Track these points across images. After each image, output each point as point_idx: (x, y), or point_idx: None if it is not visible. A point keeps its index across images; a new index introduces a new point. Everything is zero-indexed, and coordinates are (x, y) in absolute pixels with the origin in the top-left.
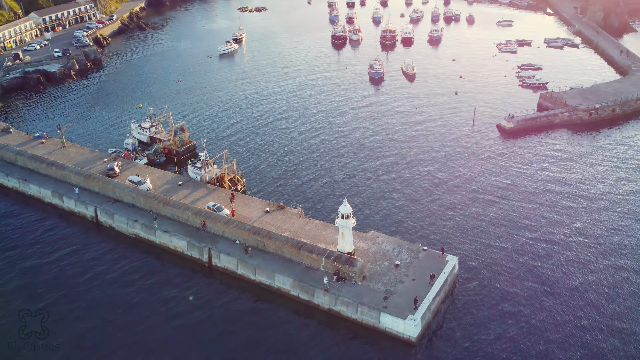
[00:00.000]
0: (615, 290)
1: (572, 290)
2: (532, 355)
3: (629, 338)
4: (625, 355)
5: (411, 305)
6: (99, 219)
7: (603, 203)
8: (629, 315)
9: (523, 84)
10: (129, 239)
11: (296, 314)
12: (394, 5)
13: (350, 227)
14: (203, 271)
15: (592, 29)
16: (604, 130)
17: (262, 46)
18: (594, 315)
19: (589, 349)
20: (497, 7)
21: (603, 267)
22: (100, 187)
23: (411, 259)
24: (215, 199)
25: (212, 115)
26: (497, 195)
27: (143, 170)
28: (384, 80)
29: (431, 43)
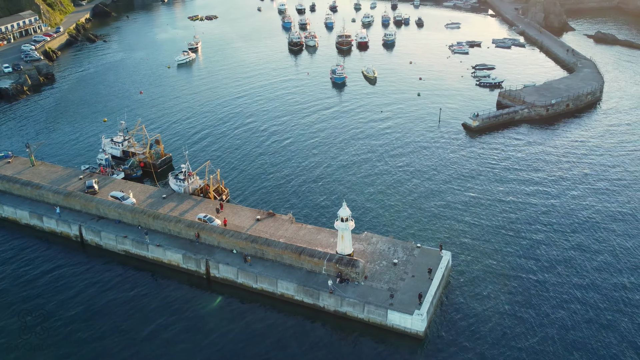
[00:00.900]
0: (575, 265)
1: (553, 271)
2: (531, 337)
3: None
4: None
5: (415, 300)
6: (84, 237)
7: (571, 188)
8: (601, 294)
9: (480, 83)
10: (118, 256)
11: (302, 318)
12: (344, 10)
13: (349, 230)
14: (201, 283)
15: (535, 29)
16: (560, 124)
17: (219, 54)
18: (575, 294)
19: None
20: (443, 10)
21: (566, 246)
22: (82, 205)
23: (407, 256)
24: (204, 210)
25: (179, 126)
26: (473, 190)
27: (123, 185)
28: (346, 85)
29: (386, 47)
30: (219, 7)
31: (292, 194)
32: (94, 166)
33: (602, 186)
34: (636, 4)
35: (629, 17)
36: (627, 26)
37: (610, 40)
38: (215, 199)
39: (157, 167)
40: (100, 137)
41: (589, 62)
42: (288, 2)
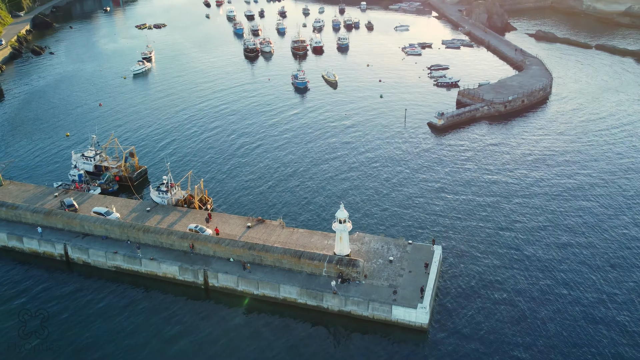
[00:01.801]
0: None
1: (531, 258)
2: (528, 321)
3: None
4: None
5: (417, 294)
6: (69, 256)
7: (534, 177)
8: (569, 275)
9: (437, 83)
10: (108, 273)
11: (307, 321)
12: (293, 15)
13: (347, 231)
14: (199, 294)
15: (481, 29)
16: (517, 119)
17: (175, 63)
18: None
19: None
20: (389, 13)
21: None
22: (64, 223)
23: (401, 253)
24: (191, 220)
25: (146, 136)
26: (448, 186)
27: (102, 201)
28: (309, 89)
29: (340, 50)
30: (164, 15)
31: (273, 199)
32: (67, 183)
33: (561, 171)
34: (568, 4)
35: (562, 15)
36: (563, 24)
37: (550, 38)
38: (200, 208)
39: (133, 181)
40: (67, 152)
41: (536, 60)
42: (236, 8)
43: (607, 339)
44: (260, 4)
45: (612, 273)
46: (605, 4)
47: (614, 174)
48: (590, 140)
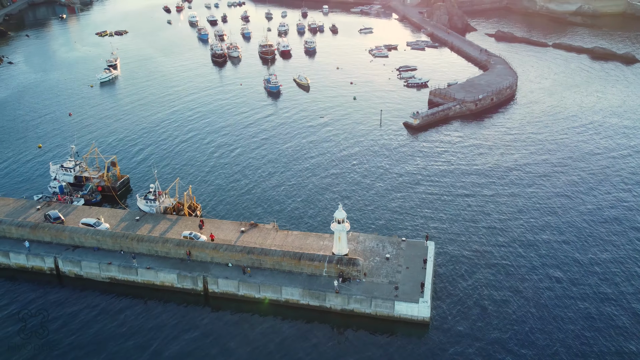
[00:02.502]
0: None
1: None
2: (519, 309)
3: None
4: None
5: (417, 289)
6: (60, 269)
7: (508, 170)
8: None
9: (408, 84)
10: (102, 285)
11: (311, 321)
12: (256, 20)
13: (345, 231)
14: (198, 300)
15: (443, 30)
16: (488, 117)
17: (142, 69)
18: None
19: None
20: (352, 16)
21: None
22: (53, 236)
23: (396, 250)
24: (183, 227)
25: (121, 145)
26: (429, 182)
27: (87, 212)
28: (282, 93)
29: (308, 54)
30: (123, 22)
31: (261, 202)
32: (47, 195)
33: (532, 162)
34: (523, 4)
35: (517, 16)
36: (519, 24)
37: (509, 38)
38: (190, 215)
39: (116, 190)
40: (42, 164)
41: (500, 59)
42: (198, 13)
43: (604, 326)
44: (221, 9)
45: (593, 248)
46: (557, 4)
47: (580, 161)
48: (559, 133)
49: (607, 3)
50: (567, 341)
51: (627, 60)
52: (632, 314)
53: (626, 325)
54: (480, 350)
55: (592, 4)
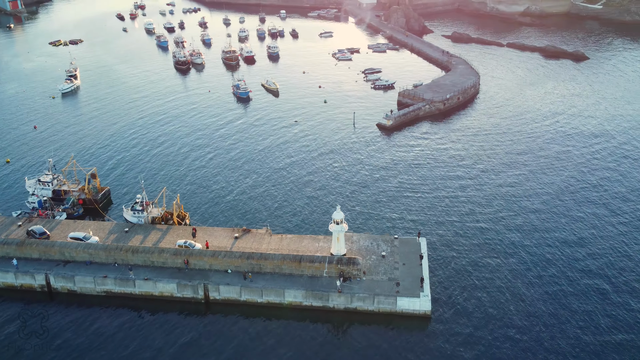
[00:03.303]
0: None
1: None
2: (518, 301)
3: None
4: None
5: (417, 284)
6: (52, 286)
7: (479, 164)
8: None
9: (375, 86)
10: (98, 299)
11: (315, 321)
12: (214, 26)
13: (344, 232)
14: (199, 308)
15: (401, 33)
16: (456, 115)
17: (103, 78)
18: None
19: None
20: (309, 21)
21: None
22: (41, 252)
23: (391, 248)
24: (175, 237)
25: (94, 156)
26: (408, 180)
27: (72, 226)
28: (252, 99)
29: (272, 59)
30: (76, 31)
31: (246, 207)
32: (26, 211)
33: (504, 154)
34: (474, 6)
35: (469, 17)
36: (472, 25)
37: (465, 38)
38: (180, 224)
39: (98, 202)
40: (13, 179)
41: (460, 60)
42: (155, 21)
43: (601, 314)
44: (177, 16)
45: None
46: (507, 5)
47: (547, 157)
48: (523, 127)
49: (553, 4)
50: (563, 327)
51: (577, 57)
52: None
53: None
54: (480, 339)
55: (538, 5)
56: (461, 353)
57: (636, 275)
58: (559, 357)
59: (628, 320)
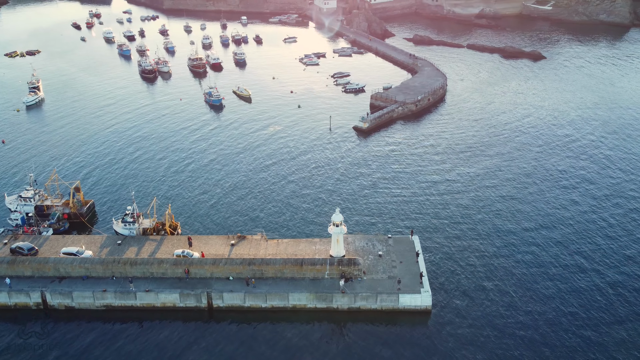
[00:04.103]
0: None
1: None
2: (509, 283)
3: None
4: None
5: (416, 281)
6: (48, 303)
7: (455, 159)
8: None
9: (346, 89)
10: (97, 313)
11: (320, 323)
12: (175, 33)
13: (343, 233)
14: (202, 317)
15: (365, 37)
16: (427, 115)
17: (68, 89)
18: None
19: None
20: (271, 26)
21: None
22: (35, 269)
23: (386, 247)
24: (170, 247)
25: (69, 169)
26: (391, 180)
27: (61, 241)
28: (224, 106)
29: (239, 65)
30: (31, 41)
31: (233, 213)
32: (10, 228)
33: (474, 147)
34: (431, 9)
35: (427, 20)
36: (431, 28)
37: (427, 41)
38: (172, 234)
39: (84, 216)
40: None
41: (426, 62)
42: (113, 29)
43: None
44: (136, 24)
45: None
46: (462, 8)
47: (517, 150)
48: (491, 125)
49: (506, 5)
50: (558, 318)
51: (534, 57)
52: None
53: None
54: (480, 329)
55: (492, 7)
56: (462, 344)
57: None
58: (556, 346)
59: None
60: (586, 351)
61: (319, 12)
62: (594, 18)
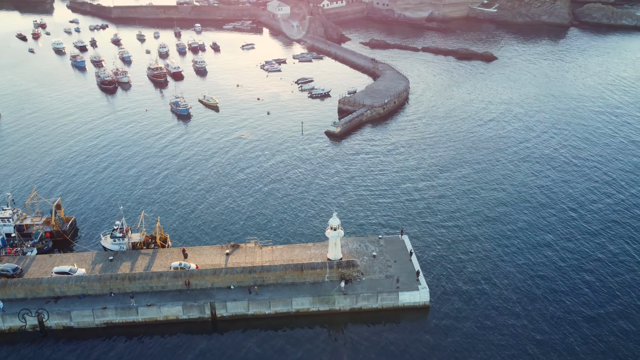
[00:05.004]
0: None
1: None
2: (500, 276)
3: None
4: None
5: (413, 278)
6: (45, 324)
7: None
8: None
9: (311, 95)
10: (97, 331)
11: (324, 325)
12: (128, 42)
13: (340, 237)
14: (205, 327)
15: (322, 42)
16: (394, 117)
17: (22, 104)
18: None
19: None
20: (226, 33)
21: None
22: (28, 291)
23: (378, 248)
24: (163, 260)
25: (41, 185)
26: (370, 182)
27: (49, 261)
28: (192, 115)
29: (200, 74)
30: None
31: (219, 221)
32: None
33: (443, 144)
34: (382, 14)
35: (379, 24)
36: (384, 32)
37: (383, 45)
38: (163, 247)
39: (67, 233)
40: None
41: (386, 66)
42: (64, 39)
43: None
44: (85, 33)
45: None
46: (412, 12)
47: (482, 143)
48: (455, 123)
49: (453, 9)
50: (551, 310)
51: (487, 58)
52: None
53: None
54: (474, 320)
55: (441, 10)
56: (461, 336)
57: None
58: (546, 332)
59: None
60: (580, 341)
61: (273, 19)
62: (537, 19)
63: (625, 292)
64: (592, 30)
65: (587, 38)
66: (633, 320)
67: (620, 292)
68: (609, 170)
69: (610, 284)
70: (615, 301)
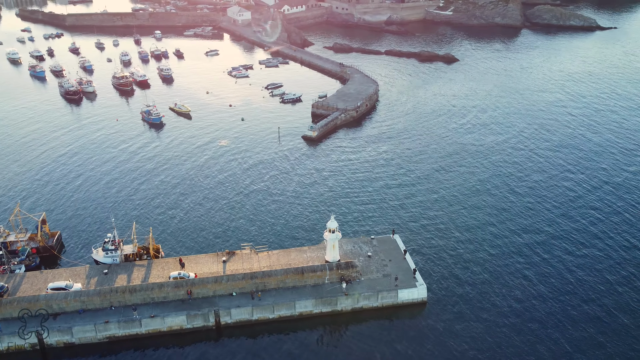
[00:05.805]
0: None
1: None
2: (492, 271)
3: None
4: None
5: (410, 276)
6: (45, 343)
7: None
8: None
9: (283, 100)
10: (100, 346)
11: (326, 326)
12: (87, 51)
13: (338, 239)
14: (211, 336)
15: (286, 47)
16: (367, 120)
17: None
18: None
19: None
20: (188, 40)
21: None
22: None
23: (372, 248)
24: (159, 271)
25: (17, 199)
26: (351, 185)
27: (39, 277)
28: (165, 124)
29: (166, 82)
30: None
31: (208, 229)
32: None
33: (418, 143)
34: (342, 18)
35: (339, 28)
36: (345, 36)
37: (347, 49)
38: (156, 257)
39: (55, 248)
40: None
41: (354, 69)
42: (18, 49)
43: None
44: (39, 42)
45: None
46: (371, 15)
47: (455, 139)
48: (424, 122)
49: (410, 12)
50: (545, 304)
51: (448, 59)
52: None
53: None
54: (470, 313)
55: (399, 14)
56: (458, 328)
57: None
58: (542, 320)
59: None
60: (574, 329)
61: (233, 24)
62: (490, 21)
63: (625, 287)
64: (543, 30)
65: (538, 38)
66: (634, 315)
67: (620, 286)
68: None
69: (609, 279)
70: (614, 297)
